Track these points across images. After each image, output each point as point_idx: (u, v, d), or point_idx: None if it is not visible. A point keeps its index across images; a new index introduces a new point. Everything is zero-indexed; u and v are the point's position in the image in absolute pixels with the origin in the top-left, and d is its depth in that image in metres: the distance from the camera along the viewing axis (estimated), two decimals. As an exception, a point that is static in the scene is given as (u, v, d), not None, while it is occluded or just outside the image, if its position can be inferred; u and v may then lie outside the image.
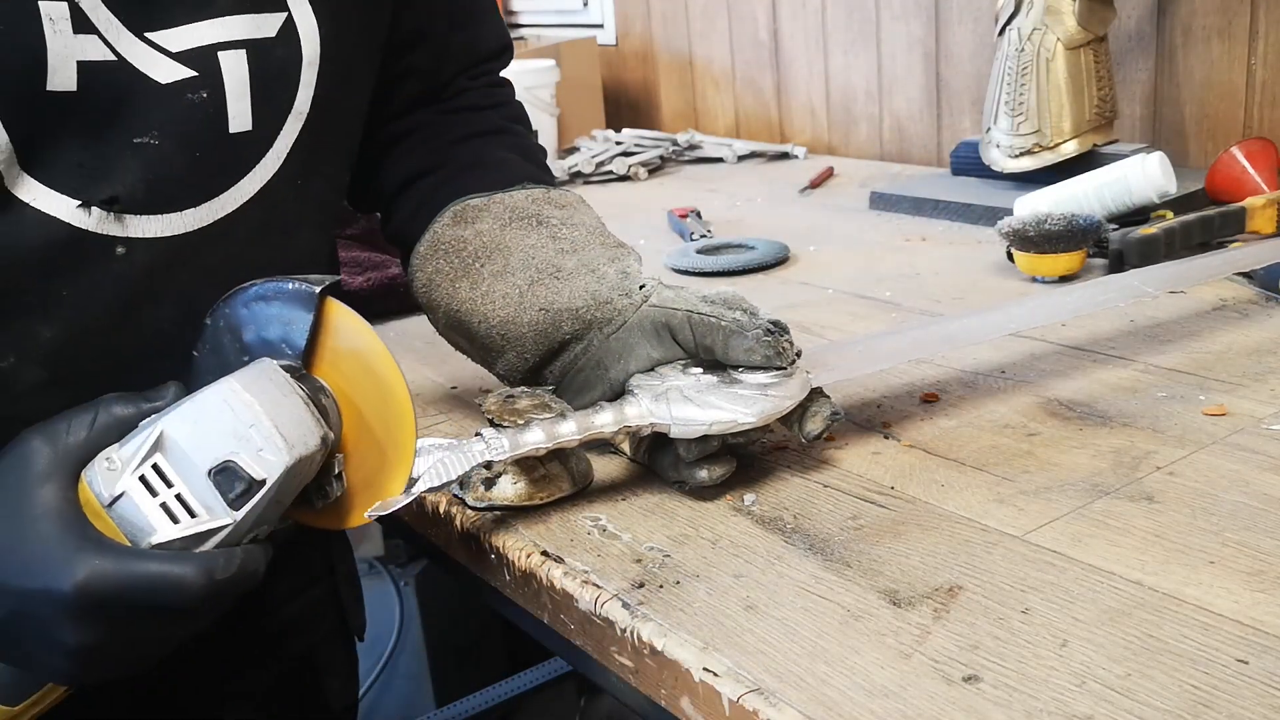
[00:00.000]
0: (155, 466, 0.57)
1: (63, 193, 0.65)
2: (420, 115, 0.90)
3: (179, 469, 0.57)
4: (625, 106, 2.35)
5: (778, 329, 0.72)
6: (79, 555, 0.55)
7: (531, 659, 1.92)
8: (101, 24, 0.64)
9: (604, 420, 0.70)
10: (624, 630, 0.61)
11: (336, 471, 0.62)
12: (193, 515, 0.57)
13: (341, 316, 0.63)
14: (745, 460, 0.77)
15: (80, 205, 0.65)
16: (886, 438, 0.79)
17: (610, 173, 1.86)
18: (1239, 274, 1.04)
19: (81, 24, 0.63)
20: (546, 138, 1.93)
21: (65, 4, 0.62)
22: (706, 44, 2.14)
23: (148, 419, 0.59)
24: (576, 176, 1.85)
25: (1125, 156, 1.21)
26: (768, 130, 2.05)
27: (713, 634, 0.59)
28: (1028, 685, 0.52)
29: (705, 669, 0.56)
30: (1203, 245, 1.11)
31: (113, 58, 0.64)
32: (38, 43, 0.61)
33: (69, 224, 0.65)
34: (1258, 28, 1.32)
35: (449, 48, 0.89)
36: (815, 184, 1.66)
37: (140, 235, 0.67)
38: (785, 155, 1.89)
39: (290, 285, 0.62)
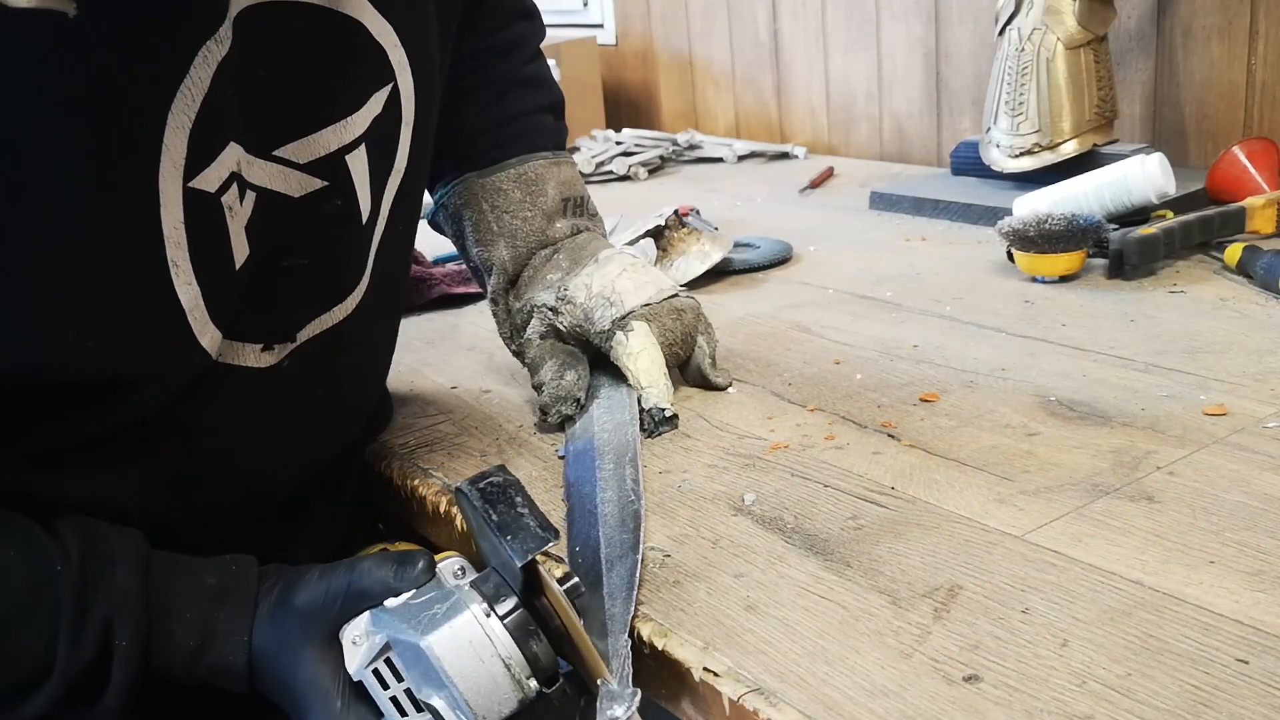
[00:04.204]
0: (388, 660, 0.59)
1: (246, 340, 0.65)
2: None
3: (408, 672, 0.59)
4: (625, 106, 2.35)
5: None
6: None
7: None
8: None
9: None
10: (624, 630, 0.61)
11: (558, 685, 0.60)
12: (419, 710, 0.59)
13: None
14: (745, 460, 0.78)
15: (264, 349, 0.66)
16: (887, 438, 0.79)
17: (610, 173, 1.86)
18: (1239, 274, 1.04)
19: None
20: (546, 138, 1.93)
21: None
22: (706, 44, 2.14)
23: (384, 616, 0.60)
24: (576, 176, 1.85)
25: (1125, 156, 1.21)
26: (768, 130, 2.05)
27: (713, 634, 0.59)
28: (1028, 685, 0.52)
29: (705, 669, 0.56)
30: (1203, 245, 1.11)
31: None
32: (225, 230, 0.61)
33: (255, 368, 0.66)
34: (1258, 28, 1.32)
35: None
36: (815, 184, 1.66)
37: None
38: (785, 155, 1.89)
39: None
